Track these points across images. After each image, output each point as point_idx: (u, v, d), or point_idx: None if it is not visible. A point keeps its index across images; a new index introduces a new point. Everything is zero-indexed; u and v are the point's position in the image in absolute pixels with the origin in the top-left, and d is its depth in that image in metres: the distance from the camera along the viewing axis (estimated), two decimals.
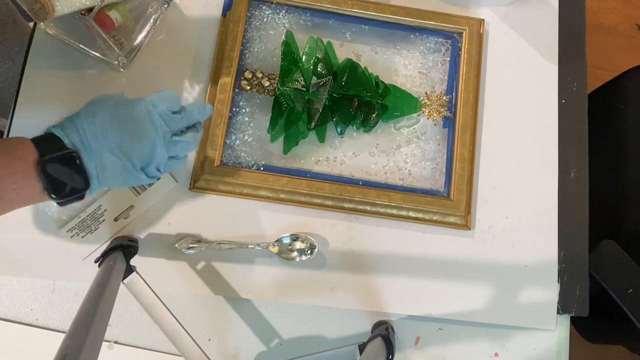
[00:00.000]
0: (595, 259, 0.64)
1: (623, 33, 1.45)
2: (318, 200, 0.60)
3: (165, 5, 0.63)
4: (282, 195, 0.60)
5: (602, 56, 1.38)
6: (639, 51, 1.44)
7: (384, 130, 0.63)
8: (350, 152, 0.63)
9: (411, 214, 0.60)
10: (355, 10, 0.64)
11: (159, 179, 0.57)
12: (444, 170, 0.62)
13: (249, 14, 0.64)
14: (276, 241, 0.59)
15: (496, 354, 0.60)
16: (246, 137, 0.62)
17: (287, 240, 0.59)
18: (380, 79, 0.62)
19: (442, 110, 0.63)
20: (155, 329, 0.51)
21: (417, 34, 0.66)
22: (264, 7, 0.64)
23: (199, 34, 0.64)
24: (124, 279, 0.51)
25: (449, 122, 0.63)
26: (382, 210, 0.60)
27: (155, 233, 0.59)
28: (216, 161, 0.59)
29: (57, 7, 0.48)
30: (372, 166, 0.62)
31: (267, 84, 0.62)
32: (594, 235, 0.63)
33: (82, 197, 0.44)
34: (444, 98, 0.64)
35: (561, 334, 0.61)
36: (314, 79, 0.61)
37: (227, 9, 0.64)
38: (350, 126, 0.62)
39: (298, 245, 0.59)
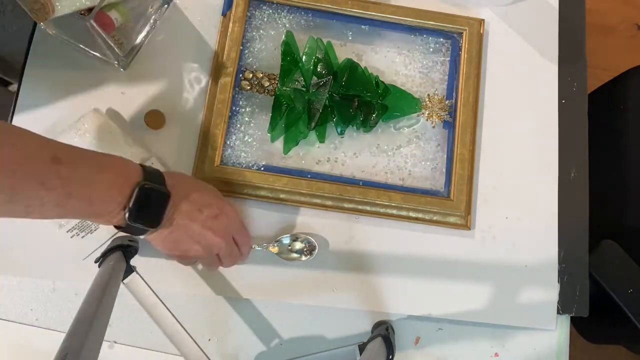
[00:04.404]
0: (595, 259, 0.64)
1: (623, 33, 1.45)
2: (318, 200, 0.60)
3: (165, 6, 0.63)
4: (282, 195, 0.60)
5: (602, 56, 1.38)
6: (639, 51, 1.44)
7: (384, 130, 0.63)
8: (350, 152, 0.63)
9: (411, 214, 0.60)
10: (355, 10, 0.64)
11: None
12: (444, 170, 0.62)
13: (249, 14, 0.64)
14: (276, 241, 0.59)
15: (496, 354, 0.60)
16: (246, 137, 0.62)
17: (286, 241, 0.59)
18: (380, 79, 0.62)
19: (442, 114, 0.63)
20: (155, 329, 0.51)
21: (417, 34, 0.66)
22: (264, 7, 0.64)
23: (199, 34, 0.64)
24: (124, 279, 0.51)
25: (449, 123, 0.63)
26: (382, 210, 0.60)
27: None
28: (216, 161, 0.59)
29: (57, 7, 0.49)
30: (372, 166, 0.62)
31: (267, 84, 0.62)
32: (594, 235, 0.63)
33: (143, 233, 0.47)
34: (446, 102, 0.63)
35: (561, 334, 0.61)
36: (314, 79, 0.61)
37: (227, 9, 0.64)
38: (350, 126, 0.62)
39: (298, 245, 0.59)
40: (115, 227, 0.47)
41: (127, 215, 0.44)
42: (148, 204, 0.45)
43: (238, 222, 0.55)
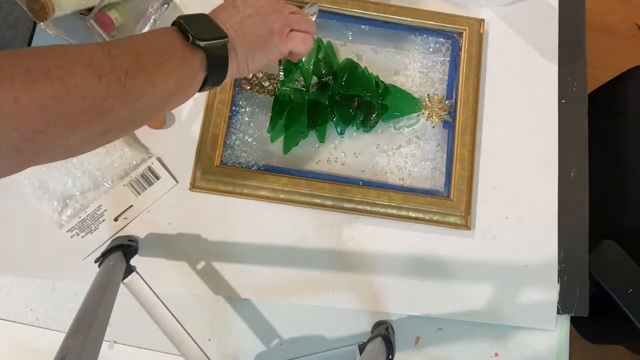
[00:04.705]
0: (595, 259, 0.64)
1: (623, 33, 1.45)
2: (318, 200, 0.60)
3: (165, 6, 0.63)
4: (282, 195, 0.60)
5: (602, 56, 1.38)
6: (639, 51, 1.44)
7: (384, 130, 0.63)
8: (350, 152, 0.63)
9: (411, 214, 0.60)
10: (356, 10, 0.64)
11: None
12: (444, 170, 0.62)
13: None
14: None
15: (496, 354, 0.60)
16: (246, 137, 0.62)
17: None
18: (381, 79, 0.62)
19: (442, 114, 0.63)
20: (155, 329, 0.51)
21: (417, 34, 0.66)
22: None
23: None
24: (124, 279, 0.51)
25: (449, 123, 0.63)
26: (382, 210, 0.60)
27: (155, 233, 0.59)
28: (216, 161, 0.59)
29: (57, 7, 0.49)
30: (372, 166, 0.62)
31: (267, 84, 0.62)
32: (594, 235, 0.63)
33: (226, 61, 0.44)
34: (446, 102, 0.63)
35: (561, 334, 0.61)
36: (314, 79, 0.61)
37: None
38: (350, 126, 0.62)
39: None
40: (203, 84, 0.43)
41: (197, 41, 0.41)
42: (200, 25, 0.43)
43: None
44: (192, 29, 0.41)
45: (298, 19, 0.50)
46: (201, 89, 0.44)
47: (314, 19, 0.55)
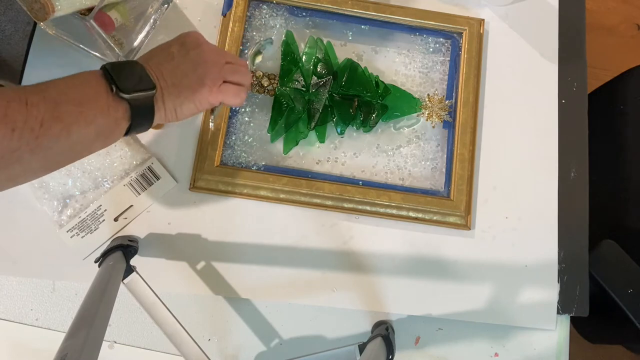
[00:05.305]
0: (595, 259, 0.64)
1: (623, 33, 1.45)
2: (318, 200, 0.60)
3: (165, 6, 0.63)
4: (282, 195, 0.60)
5: (602, 56, 1.38)
6: (639, 51, 1.44)
7: (384, 130, 0.63)
8: (350, 152, 0.63)
9: (411, 214, 0.60)
10: (356, 10, 0.64)
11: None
12: (444, 170, 0.62)
13: (249, 14, 0.64)
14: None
15: (496, 354, 0.60)
16: (246, 137, 0.62)
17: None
18: (380, 79, 0.62)
19: (442, 114, 0.63)
20: (155, 329, 0.51)
21: (417, 34, 0.66)
22: (264, 7, 0.64)
23: None
24: (124, 279, 0.51)
25: (449, 123, 0.63)
26: (382, 210, 0.60)
27: (155, 233, 0.59)
28: (216, 161, 0.59)
29: (57, 7, 0.48)
30: (372, 166, 0.62)
31: (267, 83, 0.62)
32: (594, 235, 0.63)
33: (151, 110, 0.43)
34: (446, 102, 0.63)
35: (561, 334, 0.61)
36: (314, 79, 0.61)
37: (227, 9, 0.64)
38: (350, 126, 0.62)
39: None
40: (126, 133, 0.43)
41: (120, 93, 0.40)
42: (127, 74, 0.41)
43: (205, 41, 0.50)
44: (119, 79, 0.41)
45: (233, 70, 0.50)
46: (126, 134, 0.43)
47: (269, 51, 0.54)
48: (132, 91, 0.41)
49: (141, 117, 0.43)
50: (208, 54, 0.48)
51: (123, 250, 0.54)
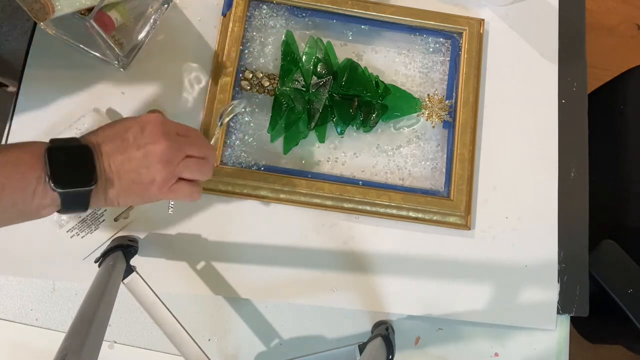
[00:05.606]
0: (595, 259, 0.64)
1: (623, 33, 1.45)
2: (318, 200, 0.60)
3: (165, 6, 0.63)
4: (282, 195, 0.60)
5: (602, 56, 1.38)
6: (639, 51, 1.44)
7: (384, 130, 0.63)
8: (350, 152, 0.63)
9: (411, 214, 0.60)
10: (356, 10, 0.64)
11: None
12: (444, 170, 0.62)
13: (249, 14, 0.64)
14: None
15: (496, 354, 0.60)
16: (246, 137, 0.62)
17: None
18: (380, 79, 0.62)
19: (442, 114, 0.63)
20: (155, 329, 0.51)
21: (417, 34, 0.66)
22: (264, 7, 0.64)
23: (199, 34, 0.64)
24: (124, 279, 0.51)
25: (449, 123, 0.63)
26: (382, 210, 0.60)
27: (155, 233, 0.59)
28: (216, 161, 0.59)
29: (57, 7, 0.48)
30: (372, 166, 0.62)
31: (267, 84, 0.62)
32: (594, 235, 0.63)
33: (86, 201, 0.42)
34: (446, 102, 0.63)
35: (561, 334, 0.61)
36: (314, 79, 0.61)
37: (227, 9, 0.64)
38: (350, 126, 0.62)
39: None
40: (58, 211, 0.42)
41: (52, 184, 0.39)
42: (69, 163, 0.40)
43: (168, 121, 0.47)
44: (57, 170, 0.39)
45: (190, 167, 0.47)
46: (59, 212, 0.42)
47: (243, 109, 0.56)
48: (67, 186, 0.40)
49: (73, 206, 0.42)
50: (164, 152, 0.44)
51: (123, 250, 0.54)
